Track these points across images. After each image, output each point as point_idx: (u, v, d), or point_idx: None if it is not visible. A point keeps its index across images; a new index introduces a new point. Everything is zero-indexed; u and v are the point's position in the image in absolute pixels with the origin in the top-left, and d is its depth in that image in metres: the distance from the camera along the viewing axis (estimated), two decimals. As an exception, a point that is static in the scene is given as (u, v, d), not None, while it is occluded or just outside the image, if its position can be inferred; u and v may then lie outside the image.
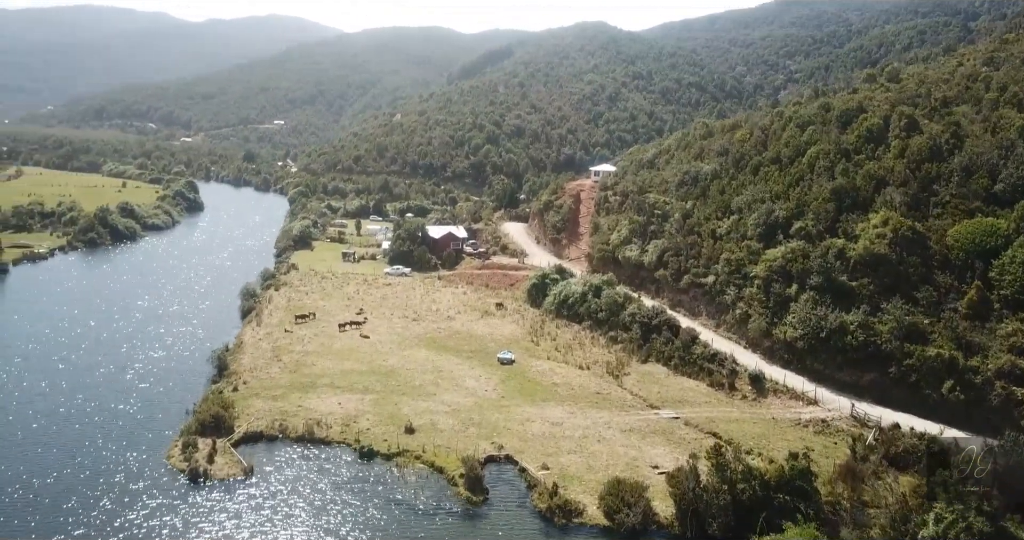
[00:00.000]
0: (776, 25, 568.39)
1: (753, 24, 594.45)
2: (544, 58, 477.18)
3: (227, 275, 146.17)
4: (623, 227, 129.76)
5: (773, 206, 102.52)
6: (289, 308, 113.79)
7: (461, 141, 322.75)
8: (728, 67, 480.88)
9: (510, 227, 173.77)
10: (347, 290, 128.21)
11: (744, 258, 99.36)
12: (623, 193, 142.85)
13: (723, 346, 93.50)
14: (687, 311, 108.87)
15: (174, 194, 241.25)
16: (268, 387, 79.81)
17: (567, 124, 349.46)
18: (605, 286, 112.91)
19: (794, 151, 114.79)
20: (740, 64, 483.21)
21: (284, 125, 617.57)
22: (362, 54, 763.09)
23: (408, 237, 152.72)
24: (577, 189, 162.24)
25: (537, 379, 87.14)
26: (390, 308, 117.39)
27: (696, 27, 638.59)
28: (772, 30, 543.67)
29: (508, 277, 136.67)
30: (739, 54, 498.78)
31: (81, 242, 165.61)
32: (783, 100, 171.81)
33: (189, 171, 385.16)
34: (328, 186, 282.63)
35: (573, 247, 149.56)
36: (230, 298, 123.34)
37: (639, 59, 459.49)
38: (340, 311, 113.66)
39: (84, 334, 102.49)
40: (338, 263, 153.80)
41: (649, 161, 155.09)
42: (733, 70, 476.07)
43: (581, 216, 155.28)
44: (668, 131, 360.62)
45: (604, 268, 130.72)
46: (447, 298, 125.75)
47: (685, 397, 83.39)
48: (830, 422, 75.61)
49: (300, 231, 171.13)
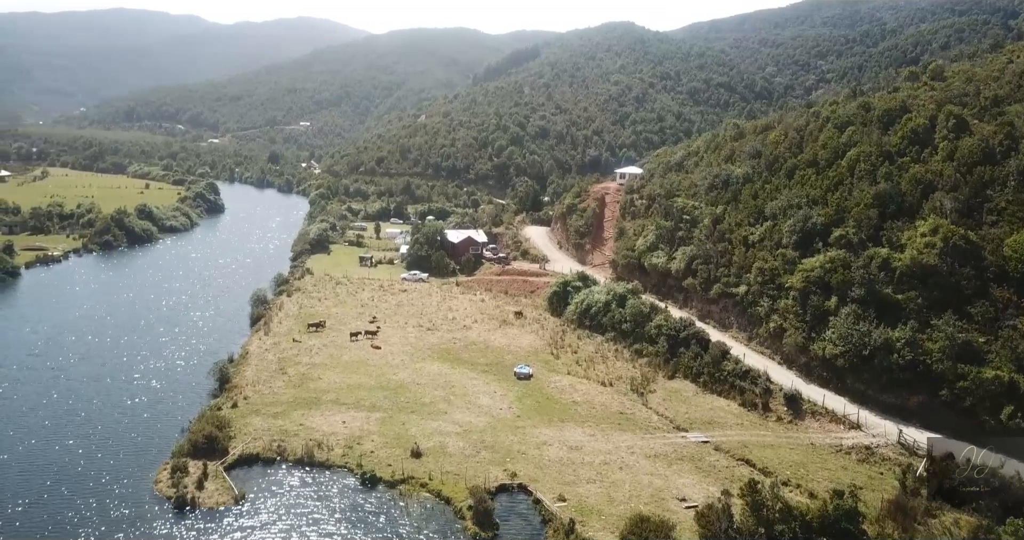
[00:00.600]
0: (807, 25, 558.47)
1: (783, 24, 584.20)
2: (570, 59, 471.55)
3: (241, 279, 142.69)
4: (649, 232, 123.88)
5: (810, 212, 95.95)
6: (300, 316, 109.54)
7: (485, 142, 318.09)
8: (757, 67, 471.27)
9: (532, 231, 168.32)
10: (361, 296, 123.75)
11: (779, 267, 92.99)
12: (650, 197, 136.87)
13: (755, 362, 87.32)
14: (717, 323, 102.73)
15: (194, 196, 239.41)
16: (270, 403, 75.28)
17: (593, 125, 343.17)
18: (630, 295, 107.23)
19: (832, 153, 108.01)
20: (770, 64, 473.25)
21: (310, 126, 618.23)
22: (388, 55, 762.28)
23: (426, 241, 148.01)
24: (602, 192, 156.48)
25: (556, 396, 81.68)
26: (405, 316, 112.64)
27: (725, 27, 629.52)
28: (803, 30, 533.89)
29: (528, 284, 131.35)
30: (769, 54, 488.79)
31: (96, 244, 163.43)
32: (818, 100, 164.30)
33: (213, 172, 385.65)
34: (350, 188, 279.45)
35: (597, 253, 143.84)
36: (241, 304, 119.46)
37: (667, 59, 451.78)
38: (353, 319, 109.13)
39: (86, 342, 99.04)
40: (355, 267, 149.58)
41: (677, 163, 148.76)
42: (763, 70, 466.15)
43: (606, 220, 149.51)
44: (696, 132, 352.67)
45: (629, 275, 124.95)
46: (464, 305, 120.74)
47: (715, 418, 77.41)
48: (875, 449, 69.22)
49: (317, 234, 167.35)
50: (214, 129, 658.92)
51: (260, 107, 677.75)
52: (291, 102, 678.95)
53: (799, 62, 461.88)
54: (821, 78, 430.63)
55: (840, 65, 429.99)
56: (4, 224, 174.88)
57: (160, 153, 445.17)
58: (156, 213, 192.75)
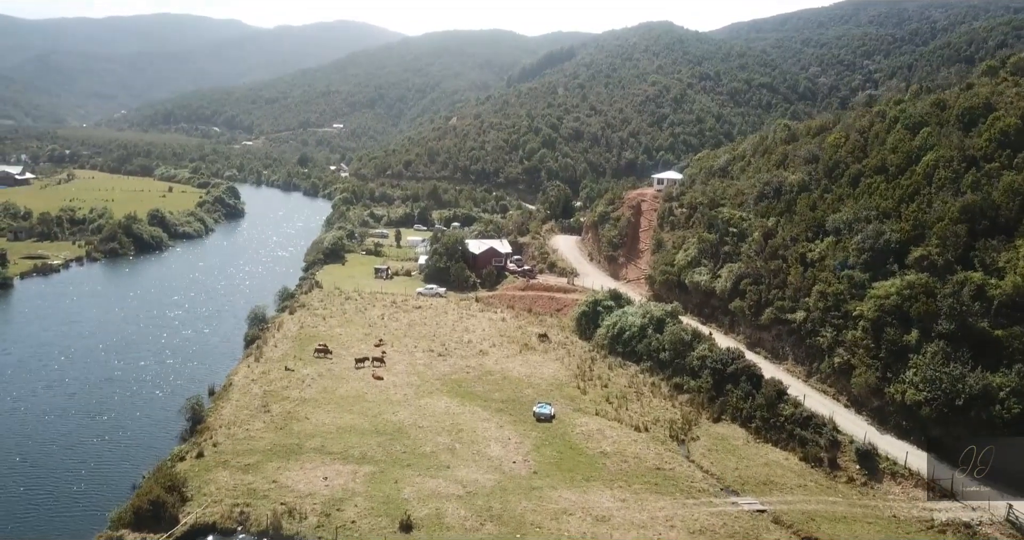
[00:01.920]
0: (852, 24, 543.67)
1: (827, 23, 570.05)
2: (606, 59, 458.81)
3: (247, 292, 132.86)
4: (691, 246, 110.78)
5: (882, 227, 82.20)
6: (299, 337, 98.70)
7: (516, 145, 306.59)
8: (800, 68, 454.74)
9: (560, 241, 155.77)
10: (371, 314, 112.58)
11: (845, 292, 79.43)
12: (691, 205, 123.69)
13: (818, 404, 74.02)
14: (769, 353, 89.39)
15: (213, 200, 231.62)
16: (243, 451, 64.09)
17: (629, 127, 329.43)
18: (669, 319, 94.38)
19: (904, 158, 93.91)
20: (813, 64, 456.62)
21: (343, 129, 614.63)
22: (423, 57, 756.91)
23: (445, 252, 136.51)
24: (637, 199, 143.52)
25: (581, 445, 69.28)
26: (415, 338, 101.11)
27: (766, 27, 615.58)
28: (848, 29, 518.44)
29: (555, 301, 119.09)
30: (812, 54, 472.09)
31: (101, 253, 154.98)
32: (878, 98, 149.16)
33: (241, 175, 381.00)
34: (375, 192, 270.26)
35: (631, 267, 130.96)
36: (240, 321, 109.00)
37: (706, 59, 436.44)
38: (357, 341, 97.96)
39: (60, 367, 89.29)
40: (369, 279, 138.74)
41: (721, 168, 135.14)
42: (806, 71, 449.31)
43: (642, 230, 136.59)
44: (737, 134, 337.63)
45: (667, 293, 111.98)
46: (483, 326, 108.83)
47: (772, 477, 64.36)
48: (976, 528, 55.69)
49: (332, 243, 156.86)
50: (248, 131, 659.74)
51: (294, 109, 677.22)
52: (325, 104, 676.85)
53: (844, 62, 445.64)
54: (868, 78, 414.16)
55: (888, 64, 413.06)
56: (10, 230, 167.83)
57: (191, 155, 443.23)
58: (169, 219, 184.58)
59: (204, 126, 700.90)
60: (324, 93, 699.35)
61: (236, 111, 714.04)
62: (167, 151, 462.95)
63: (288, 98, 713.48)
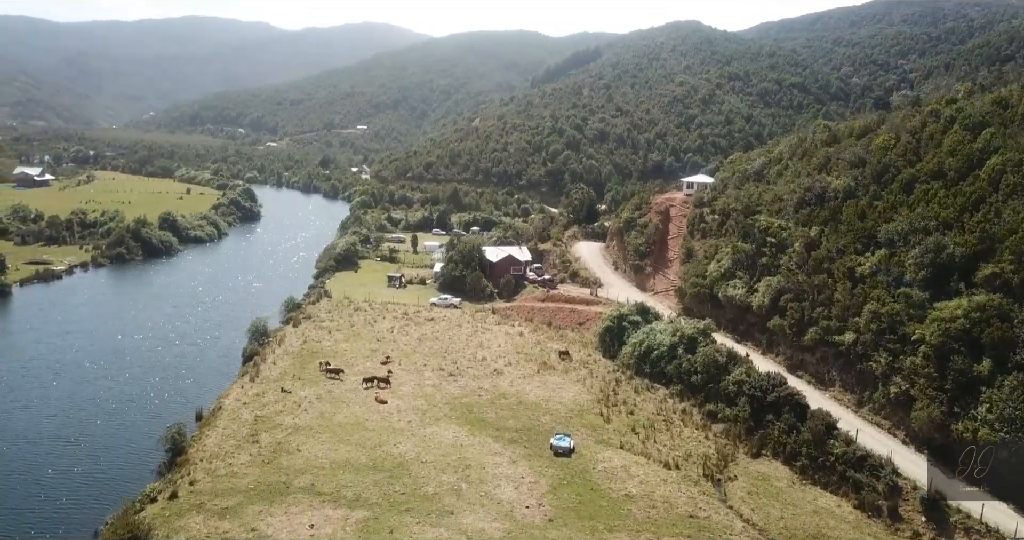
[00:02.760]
0: (884, 23, 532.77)
1: (859, 22, 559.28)
2: (632, 59, 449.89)
3: (253, 301, 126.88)
4: (724, 256, 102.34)
5: (943, 239, 73.44)
6: (300, 354, 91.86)
7: (539, 147, 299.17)
8: (832, 68, 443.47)
9: (584, 248, 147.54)
10: (380, 327, 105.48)
11: (901, 312, 70.83)
12: (723, 212, 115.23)
13: (872, 439, 65.57)
14: (813, 378, 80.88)
15: (229, 202, 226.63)
16: (222, 491, 57.11)
17: (655, 128, 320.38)
18: (701, 338, 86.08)
19: (965, 162, 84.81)
20: (846, 64, 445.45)
21: (366, 130, 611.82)
22: (448, 58, 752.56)
23: (461, 260, 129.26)
24: (666, 204, 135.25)
25: (604, 486, 61.39)
26: (425, 355, 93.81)
27: (796, 27, 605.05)
28: (881, 28, 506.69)
29: (576, 314, 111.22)
30: (844, 54, 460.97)
31: (107, 258, 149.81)
32: (927, 97, 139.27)
33: (262, 177, 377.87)
34: (395, 195, 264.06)
35: (659, 277, 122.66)
36: (242, 334, 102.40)
37: (735, 59, 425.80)
38: (362, 359, 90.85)
39: (42, 385, 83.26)
40: (382, 288, 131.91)
41: (756, 172, 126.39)
42: (838, 71, 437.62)
43: (670, 238, 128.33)
44: (767, 136, 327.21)
45: (698, 307, 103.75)
46: (499, 341, 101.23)
47: (823, 529, 56.06)
48: (1073, 601, 47.02)
49: (345, 249, 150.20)
50: (273, 133, 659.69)
51: (318, 111, 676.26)
52: (349, 106, 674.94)
53: (877, 61, 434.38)
54: (903, 78, 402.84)
55: (924, 64, 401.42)
56: (17, 233, 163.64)
57: (214, 156, 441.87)
58: (180, 222, 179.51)
59: (230, 127, 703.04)
60: (348, 94, 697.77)
61: (261, 112, 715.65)
62: (191, 152, 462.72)
63: (312, 99, 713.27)
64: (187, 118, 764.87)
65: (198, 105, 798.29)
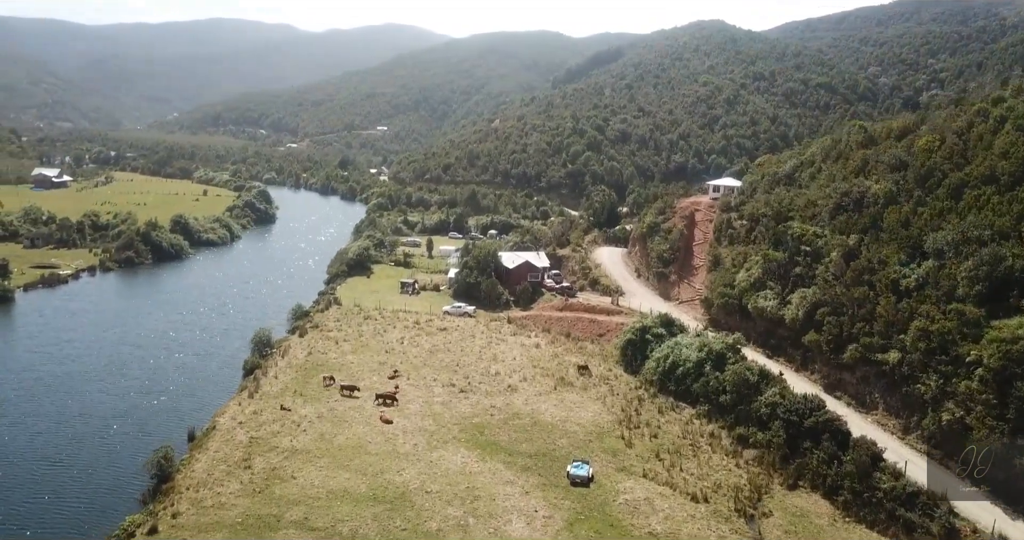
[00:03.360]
0: (913, 22, 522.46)
1: (886, 22, 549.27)
2: (655, 59, 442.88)
3: (262, 307, 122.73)
4: (754, 265, 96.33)
5: (1000, 250, 67.04)
6: (305, 366, 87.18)
7: (559, 148, 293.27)
8: (859, 67, 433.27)
9: (604, 254, 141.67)
10: (389, 337, 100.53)
11: (954, 330, 64.57)
12: (752, 217, 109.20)
13: (922, 472, 59.28)
14: (853, 400, 74.76)
15: (243, 205, 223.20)
16: (206, 525, 52.27)
17: (679, 129, 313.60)
18: (731, 355, 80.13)
19: (1020, 165, 78.24)
20: (873, 64, 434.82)
21: (387, 131, 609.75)
22: (468, 59, 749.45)
23: (476, 266, 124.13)
24: (691, 208, 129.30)
25: (625, 521, 55.81)
26: (435, 368, 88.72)
27: (821, 26, 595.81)
28: (909, 27, 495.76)
29: (597, 325, 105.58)
30: (872, 53, 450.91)
31: (115, 262, 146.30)
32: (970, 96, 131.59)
33: (280, 178, 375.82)
34: (412, 197, 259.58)
35: (684, 286, 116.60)
36: (248, 343, 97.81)
37: (760, 59, 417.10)
38: (369, 372, 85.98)
39: (30, 399, 79.17)
40: (394, 294, 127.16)
41: (787, 175, 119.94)
42: (865, 70, 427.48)
43: (696, 244, 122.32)
44: (793, 137, 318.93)
45: (726, 319, 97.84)
46: (513, 353, 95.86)
47: (871, 577, 50.06)
48: None
49: (358, 253, 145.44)
50: (294, 134, 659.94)
51: (339, 112, 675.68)
52: (370, 107, 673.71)
53: (906, 61, 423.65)
54: (933, 77, 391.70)
55: (955, 63, 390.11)
56: (27, 236, 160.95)
57: (233, 157, 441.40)
58: (192, 225, 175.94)
59: (251, 128, 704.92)
60: (369, 95, 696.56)
61: (282, 113, 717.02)
62: (211, 153, 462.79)
63: (333, 100, 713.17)
64: (209, 119, 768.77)
65: (220, 106, 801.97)
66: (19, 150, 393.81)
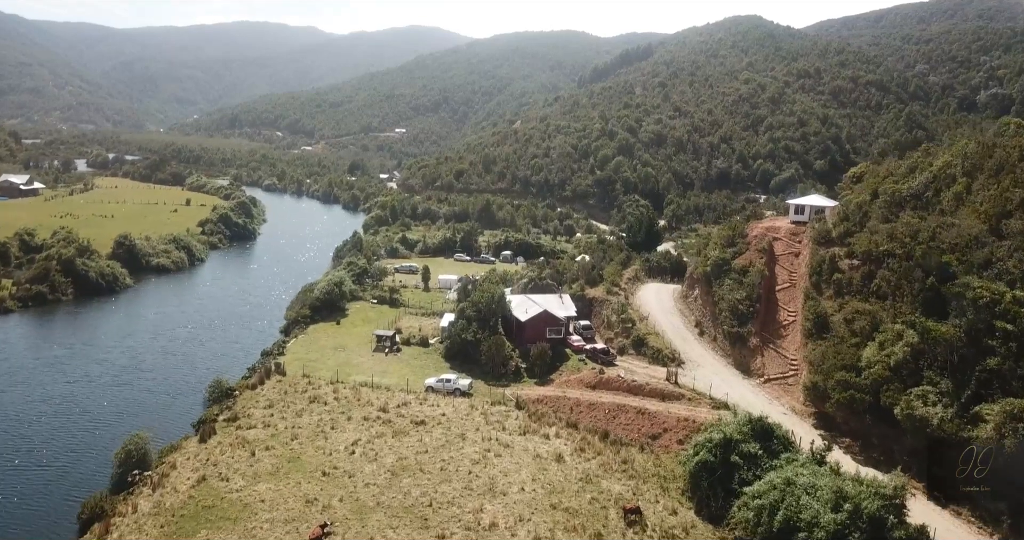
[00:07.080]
0: (958, 18, 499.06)
1: (928, 19, 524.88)
2: (688, 56, 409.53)
3: (185, 376, 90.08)
4: (892, 340, 61.72)
5: None
6: (181, 515, 53.97)
7: (586, 152, 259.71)
8: (905, 65, 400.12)
9: (651, 296, 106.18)
10: (337, 441, 67.12)
11: None
12: (870, 256, 74.79)
13: None
14: None
15: (217, 219, 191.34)
16: None
17: (719, 131, 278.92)
18: (890, 517, 45.77)
19: None
20: (920, 61, 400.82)
21: (405, 133, 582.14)
22: (490, 59, 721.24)
23: (476, 316, 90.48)
24: (768, 237, 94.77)
25: None
26: (393, 515, 55.11)
27: (859, 25, 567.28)
28: (954, 24, 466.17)
29: (648, 418, 71.21)
30: (918, 51, 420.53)
31: (16, 300, 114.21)
32: None
33: (282, 184, 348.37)
34: (418, 208, 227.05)
35: (770, 354, 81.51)
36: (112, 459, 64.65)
37: (801, 56, 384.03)
38: (283, 526, 52.70)
39: None
40: (366, 351, 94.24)
41: (915, 194, 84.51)
42: (911, 68, 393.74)
43: (779, 288, 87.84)
44: (846, 139, 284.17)
45: (850, 420, 63.52)
46: (521, 476, 61.83)
47: None
48: None
49: (326, 291, 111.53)
50: (310, 136, 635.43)
51: (356, 114, 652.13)
52: (388, 109, 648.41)
53: (956, 58, 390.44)
54: (990, 75, 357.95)
55: (1013, 60, 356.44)
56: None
57: (240, 161, 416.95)
58: (140, 248, 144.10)
59: (268, 131, 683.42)
60: (388, 97, 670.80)
61: (299, 115, 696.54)
62: (217, 157, 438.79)
63: (352, 102, 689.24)
64: (226, 121, 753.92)
65: (238, 108, 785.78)
66: (8, 154, 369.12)
